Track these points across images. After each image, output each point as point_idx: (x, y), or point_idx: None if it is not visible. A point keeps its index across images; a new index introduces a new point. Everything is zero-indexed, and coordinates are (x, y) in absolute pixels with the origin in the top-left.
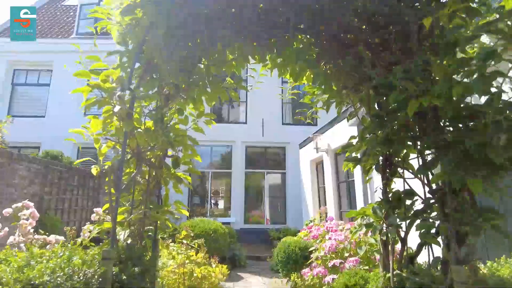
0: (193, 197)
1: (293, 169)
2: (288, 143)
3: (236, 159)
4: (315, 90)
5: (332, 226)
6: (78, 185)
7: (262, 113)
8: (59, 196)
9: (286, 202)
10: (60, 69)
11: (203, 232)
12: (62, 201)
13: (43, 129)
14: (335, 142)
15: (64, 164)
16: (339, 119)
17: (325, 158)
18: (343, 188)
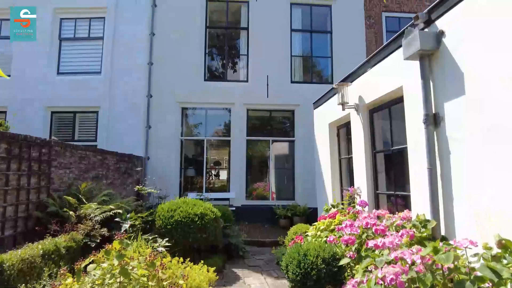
0: (187, 169)
1: (303, 136)
2: (298, 106)
3: (235, 125)
4: None
5: (372, 219)
6: (10, 156)
7: (266, 69)
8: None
9: (295, 175)
10: None
11: (185, 219)
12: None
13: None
14: (371, 92)
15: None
16: (383, 52)
17: (354, 118)
18: (382, 160)
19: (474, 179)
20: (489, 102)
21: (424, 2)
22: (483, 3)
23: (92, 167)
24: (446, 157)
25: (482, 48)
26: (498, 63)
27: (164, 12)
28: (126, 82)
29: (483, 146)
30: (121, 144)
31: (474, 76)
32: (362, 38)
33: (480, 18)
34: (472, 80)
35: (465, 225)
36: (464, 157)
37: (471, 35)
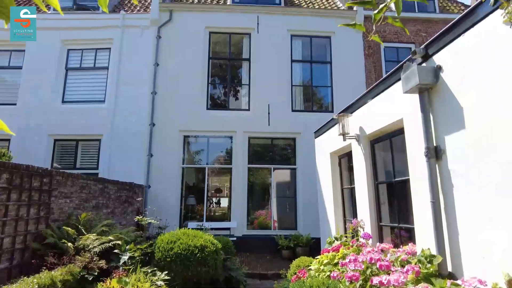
0: (188, 197)
1: (304, 164)
2: (299, 134)
3: (237, 153)
4: None
5: (376, 254)
6: (10, 186)
7: (267, 97)
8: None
9: (297, 203)
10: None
11: (185, 251)
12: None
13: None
14: (372, 123)
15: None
16: (383, 85)
17: (355, 148)
18: (384, 190)
19: (479, 214)
20: (488, 139)
21: (421, 33)
22: (475, 42)
23: (93, 196)
24: (449, 190)
25: (480, 85)
26: (497, 100)
27: (168, 43)
28: (129, 111)
29: (486, 182)
30: (123, 172)
31: (473, 111)
32: (361, 68)
33: (475, 55)
34: (471, 116)
35: (472, 261)
36: (468, 192)
37: (468, 71)
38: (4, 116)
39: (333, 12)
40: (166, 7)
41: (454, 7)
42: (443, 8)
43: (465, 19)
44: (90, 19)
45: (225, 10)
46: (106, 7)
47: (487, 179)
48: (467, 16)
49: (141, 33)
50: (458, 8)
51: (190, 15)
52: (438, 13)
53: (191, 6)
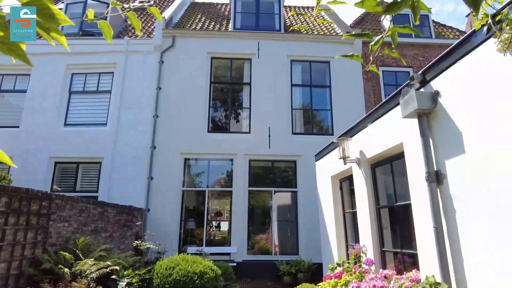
0: (188, 221)
1: (305, 187)
2: (300, 156)
3: (237, 176)
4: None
5: (379, 281)
6: (9, 210)
7: (268, 121)
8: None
9: (298, 227)
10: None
11: (184, 277)
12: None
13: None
14: (372, 147)
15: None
16: (382, 109)
17: (356, 172)
18: (386, 215)
19: (483, 241)
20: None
21: (418, 57)
22: (470, 69)
23: (92, 220)
24: (451, 216)
25: (475, 111)
26: (490, 128)
27: (171, 68)
28: (131, 134)
29: (482, 209)
30: (123, 195)
31: (470, 137)
32: (360, 91)
33: (470, 81)
34: (468, 141)
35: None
36: (470, 218)
37: (464, 97)
38: (7, 138)
39: (331, 38)
40: (169, 33)
41: (449, 32)
42: (438, 34)
43: (460, 46)
44: (95, 45)
45: (226, 37)
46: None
47: (483, 207)
48: (462, 44)
49: (144, 58)
50: (453, 34)
51: (192, 41)
52: (434, 39)
53: (193, 32)
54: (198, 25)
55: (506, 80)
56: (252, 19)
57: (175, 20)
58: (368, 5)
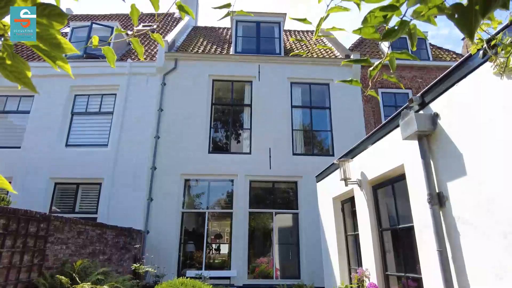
0: (187, 243)
1: (307, 208)
2: (300, 177)
3: (238, 197)
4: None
5: None
6: (6, 232)
7: (269, 141)
8: None
9: (300, 250)
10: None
11: None
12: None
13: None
14: (373, 168)
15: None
16: (382, 131)
17: (358, 194)
18: (389, 237)
19: (491, 265)
20: (489, 186)
21: (417, 79)
22: (468, 91)
23: (90, 242)
24: (456, 239)
25: (477, 132)
26: (495, 146)
27: (173, 90)
28: (132, 154)
29: (495, 232)
30: (122, 216)
31: (472, 158)
32: (360, 112)
33: (468, 104)
34: (471, 162)
35: None
36: (476, 241)
37: (463, 119)
38: (8, 158)
39: (331, 60)
40: (171, 56)
41: (446, 55)
42: (436, 56)
43: (458, 69)
44: (98, 67)
45: (227, 60)
46: (114, 64)
47: (490, 230)
48: (459, 67)
49: (147, 80)
50: (450, 56)
51: (194, 63)
52: (432, 61)
53: (195, 56)
54: (200, 49)
55: (504, 103)
56: (253, 43)
57: (178, 43)
58: (366, 32)
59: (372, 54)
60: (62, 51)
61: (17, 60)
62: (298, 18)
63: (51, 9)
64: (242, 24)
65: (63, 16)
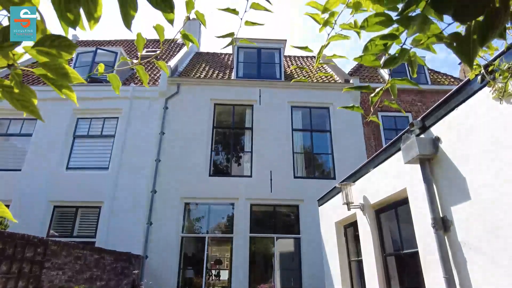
0: (186, 269)
1: (309, 233)
2: (302, 201)
3: (239, 221)
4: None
5: None
6: (1, 257)
7: (269, 165)
8: None
9: (302, 276)
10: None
11: None
12: None
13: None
14: (376, 192)
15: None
16: (384, 154)
17: (360, 218)
18: (393, 263)
19: None
20: (497, 211)
21: (416, 103)
22: (468, 115)
23: (88, 268)
24: (463, 265)
25: (478, 155)
26: (498, 169)
27: (175, 114)
28: (132, 178)
29: (504, 259)
30: (121, 241)
31: (476, 181)
32: (360, 135)
33: (469, 127)
34: (474, 186)
35: None
36: (483, 267)
37: (465, 142)
38: (8, 181)
39: (331, 85)
40: (174, 81)
41: (444, 79)
42: (434, 80)
43: (457, 94)
44: (101, 91)
45: (229, 84)
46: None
47: (497, 256)
48: (458, 92)
49: (149, 104)
50: (448, 80)
51: (196, 88)
52: (430, 85)
53: (197, 81)
54: (202, 74)
55: (505, 125)
56: (254, 68)
57: (180, 68)
58: (367, 60)
59: (371, 78)
60: (69, 80)
61: (24, 89)
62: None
63: (61, 40)
64: (244, 50)
65: (71, 47)
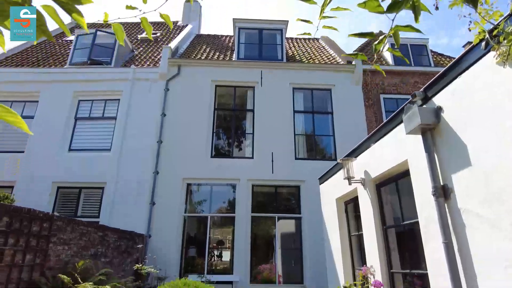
0: (189, 248)
1: (309, 213)
2: (303, 182)
3: (240, 201)
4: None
5: None
6: (9, 230)
7: (271, 146)
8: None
9: (303, 255)
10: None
11: None
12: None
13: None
14: (377, 166)
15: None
16: (386, 128)
17: (361, 193)
18: (394, 235)
19: (498, 256)
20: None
21: (418, 85)
22: (471, 82)
23: (92, 244)
24: (461, 230)
25: (481, 122)
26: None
27: (176, 95)
28: (134, 159)
29: (503, 222)
30: (124, 220)
31: (479, 147)
32: (362, 118)
33: (472, 95)
34: (477, 152)
35: None
36: (482, 232)
37: (467, 110)
38: (11, 163)
39: (332, 66)
40: (174, 62)
41: (447, 61)
42: (437, 63)
43: (460, 61)
44: (102, 73)
45: (230, 66)
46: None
47: (497, 220)
48: (462, 59)
49: (150, 85)
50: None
51: (197, 69)
52: (433, 67)
53: (198, 62)
54: (203, 55)
55: (508, 90)
56: (255, 50)
57: (181, 50)
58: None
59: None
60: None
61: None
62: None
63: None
64: (245, 31)
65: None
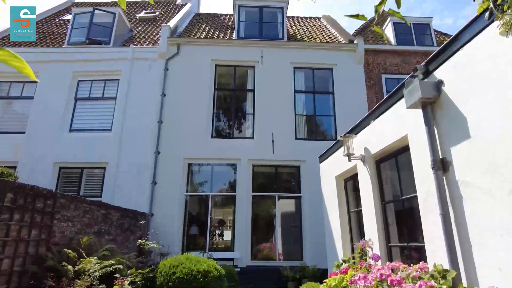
0: (190, 226)
1: (309, 192)
2: (303, 162)
3: (241, 181)
4: None
5: (386, 270)
6: (14, 206)
7: (271, 126)
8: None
9: (303, 233)
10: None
11: (188, 276)
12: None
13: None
14: (377, 142)
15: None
16: (386, 104)
17: (361, 169)
18: (392, 211)
19: (490, 224)
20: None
21: None
22: (474, 54)
23: (95, 222)
24: (458, 202)
25: (482, 94)
26: (503, 104)
27: (175, 75)
28: (135, 139)
29: (498, 192)
30: (126, 200)
31: (479, 119)
32: (363, 98)
33: (474, 67)
34: (477, 124)
35: (488, 274)
36: (477, 202)
37: (469, 82)
38: (12, 144)
39: (334, 45)
40: (174, 41)
41: None
42: (440, 42)
43: (462, 34)
44: (101, 53)
45: (230, 45)
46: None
47: (494, 191)
48: (464, 31)
49: (150, 65)
50: None
51: (197, 48)
52: (436, 47)
53: (198, 41)
54: (202, 34)
55: (511, 61)
56: (256, 28)
57: (180, 29)
58: None
59: (376, 40)
60: None
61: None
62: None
63: None
64: (245, 9)
65: None
